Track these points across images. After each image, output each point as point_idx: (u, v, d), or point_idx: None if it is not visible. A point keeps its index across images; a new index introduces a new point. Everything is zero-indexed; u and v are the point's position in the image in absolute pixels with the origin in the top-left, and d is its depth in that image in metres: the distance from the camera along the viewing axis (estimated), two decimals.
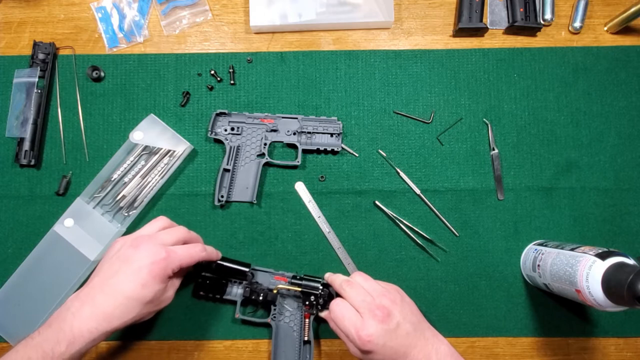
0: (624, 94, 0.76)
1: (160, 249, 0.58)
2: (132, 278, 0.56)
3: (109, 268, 0.58)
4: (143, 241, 0.58)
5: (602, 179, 0.75)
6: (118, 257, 0.58)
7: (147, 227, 0.63)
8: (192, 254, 0.61)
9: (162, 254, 0.57)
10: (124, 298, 0.55)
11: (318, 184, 0.75)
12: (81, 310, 0.55)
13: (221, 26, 0.78)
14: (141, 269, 0.56)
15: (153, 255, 0.57)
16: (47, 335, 0.54)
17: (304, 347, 0.69)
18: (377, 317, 0.57)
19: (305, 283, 0.68)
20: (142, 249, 0.57)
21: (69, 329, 0.53)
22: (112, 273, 0.57)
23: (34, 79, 0.73)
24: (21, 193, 0.74)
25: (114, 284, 0.56)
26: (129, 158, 0.74)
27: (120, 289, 0.55)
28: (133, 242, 0.59)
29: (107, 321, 0.55)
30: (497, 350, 0.73)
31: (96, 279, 0.57)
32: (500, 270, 0.74)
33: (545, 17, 0.77)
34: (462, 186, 0.75)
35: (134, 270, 0.56)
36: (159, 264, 0.57)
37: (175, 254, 0.58)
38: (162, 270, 0.57)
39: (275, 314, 0.70)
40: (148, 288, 0.56)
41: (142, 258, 0.57)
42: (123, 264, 0.57)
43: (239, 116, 0.75)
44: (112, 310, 0.55)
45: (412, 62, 0.77)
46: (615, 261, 0.57)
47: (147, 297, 0.56)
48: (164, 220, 0.64)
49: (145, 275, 0.56)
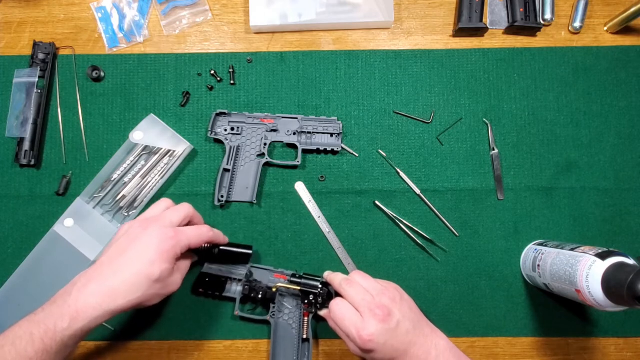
0: (624, 94, 0.76)
1: (169, 229, 0.59)
2: (140, 255, 0.56)
3: (117, 247, 0.58)
4: (152, 222, 0.59)
5: (602, 179, 0.75)
6: (127, 237, 0.58)
7: (153, 209, 0.63)
8: (200, 233, 0.61)
9: (170, 233, 0.58)
10: (131, 274, 0.55)
11: (318, 184, 0.75)
12: (87, 286, 0.55)
13: (221, 26, 0.78)
14: (149, 247, 0.57)
15: (162, 234, 0.58)
16: (51, 310, 0.53)
17: (302, 344, 0.69)
18: (377, 316, 0.57)
19: (305, 282, 0.68)
20: (150, 229, 0.58)
21: (74, 304, 0.53)
22: (121, 252, 0.57)
23: (34, 79, 0.73)
24: (21, 193, 0.74)
25: (121, 262, 0.56)
26: (129, 158, 0.74)
27: (128, 266, 0.56)
28: (142, 223, 0.60)
29: (112, 298, 0.54)
30: (497, 350, 0.73)
31: (104, 257, 0.58)
32: (500, 270, 0.74)
33: (545, 17, 0.77)
34: (462, 186, 0.75)
35: (143, 248, 0.57)
36: (168, 242, 0.57)
37: (183, 234, 0.59)
38: (171, 248, 0.57)
39: (274, 311, 0.70)
40: (156, 265, 0.56)
41: (151, 237, 0.57)
42: (131, 243, 0.57)
43: (239, 116, 0.75)
44: (118, 285, 0.55)
45: (412, 62, 0.77)
46: (615, 261, 0.57)
47: (154, 275, 0.56)
48: (168, 202, 0.64)
49: (153, 252, 0.56)
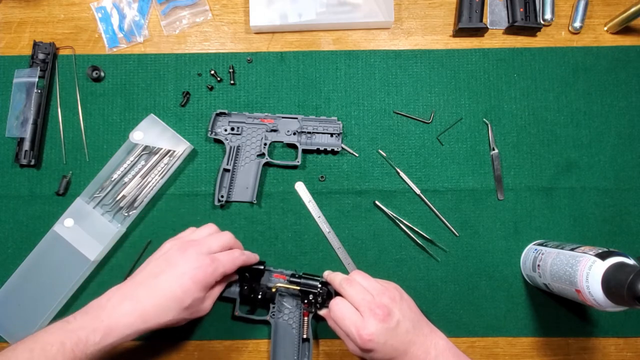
0: (624, 94, 0.76)
1: (206, 256, 0.59)
2: (175, 281, 0.57)
3: (155, 267, 0.59)
4: (190, 246, 0.60)
5: (602, 179, 0.75)
6: (165, 258, 0.59)
7: (196, 232, 0.64)
8: (234, 259, 0.62)
9: (206, 261, 0.58)
10: (164, 299, 0.56)
11: (318, 184, 0.75)
12: (122, 304, 0.55)
13: (221, 26, 0.78)
14: (184, 274, 0.57)
15: (198, 262, 0.58)
16: (84, 322, 0.54)
17: (302, 344, 0.69)
18: (377, 316, 0.57)
19: (304, 282, 0.68)
20: (188, 254, 0.59)
21: (107, 319, 0.54)
22: (157, 273, 0.58)
23: (34, 79, 0.73)
24: (21, 193, 0.74)
25: (156, 284, 0.57)
26: (129, 158, 0.74)
27: (162, 289, 0.56)
28: (181, 246, 0.60)
29: (143, 319, 0.55)
30: (497, 350, 0.73)
31: (140, 276, 0.59)
32: (500, 270, 0.74)
33: (545, 17, 0.77)
34: (462, 186, 0.75)
35: (178, 274, 0.57)
36: (203, 270, 0.58)
37: (219, 262, 0.59)
38: (205, 277, 0.58)
39: (274, 311, 0.70)
40: (188, 294, 0.57)
41: (187, 263, 0.58)
42: (168, 266, 0.58)
43: (239, 116, 0.75)
44: (149, 308, 0.56)
45: (412, 62, 0.77)
46: (615, 261, 0.57)
47: (185, 302, 0.57)
48: (212, 227, 0.65)
49: (187, 280, 0.57)
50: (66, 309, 0.72)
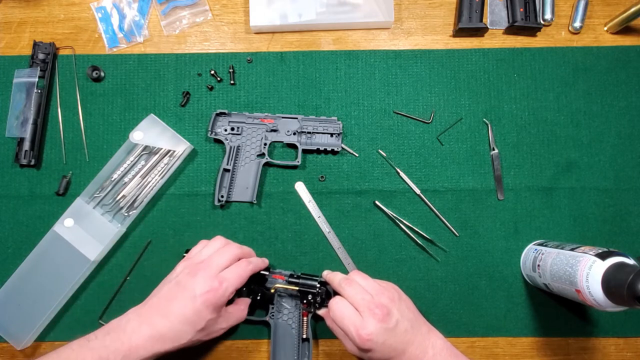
0: (624, 94, 0.76)
1: (214, 279, 0.60)
2: (188, 305, 0.59)
3: (168, 292, 0.61)
4: (200, 269, 0.61)
5: (602, 179, 0.75)
6: (177, 282, 0.61)
7: (206, 250, 0.65)
8: (241, 273, 0.63)
9: (215, 284, 0.60)
10: (179, 323, 0.58)
11: (318, 184, 0.75)
12: (141, 328, 0.58)
13: (221, 26, 0.78)
14: (196, 298, 0.59)
15: (207, 285, 0.60)
16: (105, 342, 0.57)
17: (302, 344, 0.69)
18: (376, 315, 0.57)
19: (303, 282, 0.68)
20: (198, 278, 0.60)
21: (127, 342, 0.57)
22: (171, 297, 0.60)
23: (34, 79, 0.73)
24: (21, 193, 0.74)
25: (171, 309, 0.59)
26: (129, 158, 0.74)
27: (176, 314, 0.59)
28: (191, 270, 0.62)
29: (160, 342, 0.58)
30: (497, 350, 0.73)
31: (155, 299, 0.61)
32: (500, 270, 0.74)
33: (545, 17, 0.77)
34: (462, 186, 0.75)
35: (190, 298, 0.59)
36: (213, 294, 0.59)
37: (227, 282, 0.61)
38: (216, 299, 0.60)
39: (273, 312, 0.70)
40: (201, 316, 0.59)
41: (197, 287, 0.59)
42: (180, 291, 0.60)
43: (239, 116, 0.75)
44: (166, 332, 0.58)
45: (412, 62, 0.77)
46: (615, 261, 0.57)
47: (199, 325, 0.59)
48: (220, 241, 0.66)
49: (199, 304, 0.59)
50: (66, 309, 0.72)
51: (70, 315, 0.72)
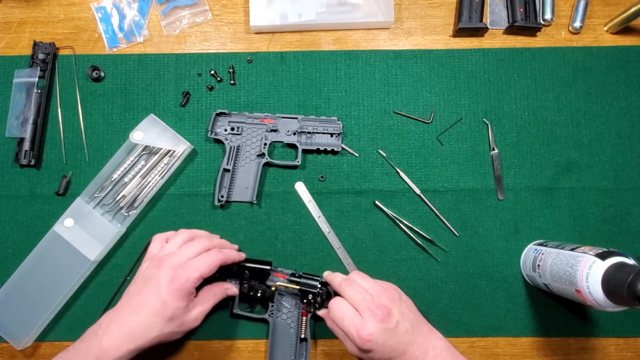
0: (624, 94, 0.76)
1: (179, 267, 0.60)
2: (153, 296, 0.59)
3: (135, 288, 0.61)
4: (164, 261, 0.61)
5: (602, 179, 0.75)
6: (143, 277, 0.61)
7: (170, 245, 0.64)
8: (208, 261, 0.62)
9: (178, 271, 0.60)
10: (146, 315, 0.58)
11: (318, 184, 0.75)
12: (110, 328, 0.58)
13: (221, 26, 0.78)
14: (161, 288, 0.59)
15: (171, 273, 0.59)
16: (80, 349, 0.58)
17: (300, 344, 0.69)
18: (377, 316, 0.57)
19: (304, 281, 0.68)
20: (162, 268, 0.60)
21: (98, 345, 0.57)
22: (137, 292, 0.60)
23: (34, 79, 0.73)
24: (21, 193, 0.74)
25: (137, 303, 0.59)
26: (129, 158, 0.74)
27: (142, 307, 0.59)
28: (157, 262, 0.61)
29: (130, 339, 0.57)
30: (497, 350, 0.73)
31: (124, 298, 0.61)
32: (500, 270, 0.74)
33: (545, 17, 0.77)
34: (462, 186, 0.75)
35: (155, 288, 0.59)
36: (177, 280, 0.59)
37: (191, 268, 0.60)
38: (182, 285, 0.59)
39: (272, 310, 0.70)
40: (167, 305, 0.58)
41: (162, 277, 0.59)
42: (147, 284, 0.60)
43: (239, 116, 0.75)
44: (135, 327, 0.58)
45: (412, 62, 0.77)
46: (615, 261, 0.57)
47: (167, 314, 0.58)
48: (185, 234, 0.66)
49: (164, 293, 0.58)
50: (66, 309, 0.72)
51: (70, 315, 0.72)
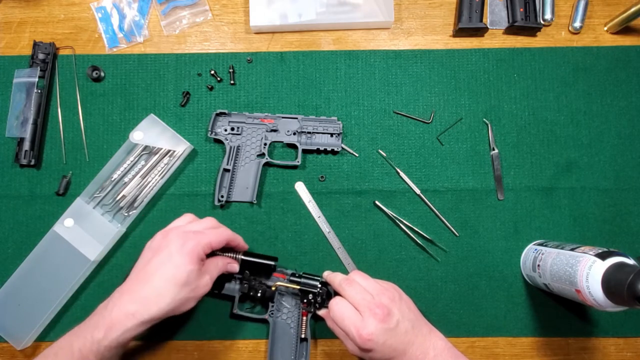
0: (624, 94, 0.76)
1: (188, 232, 0.60)
2: (166, 262, 0.58)
3: (143, 258, 0.60)
4: (172, 230, 0.61)
5: (602, 179, 0.75)
6: (150, 248, 0.61)
7: (175, 222, 0.64)
8: (219, 232, 0.62)
9: (190, 235, 0.59)
10: (160, 281, 0.57)
11: (318, 184, 0.75)
12: (121, 298, 0.57)
13: (221, 26, 0.78)
14: (172, 253, 0.58)
15: (182, 239, 0.59)
16: (90, 322, 0.57)
17: (300, 344, 0.69)
18: (377, 316, 0.57)
19: (304, 281, 0.68)
20: (171, 236, 0.60)
21: (108, 315, 0.56)
22: (146, 262, 0.59)
23: (34, 79, 0.73)
24: (21, 193, 0.74)
25: (148, 271, 0.58)
26: (129, 158, 0.74)
27: (155, 274, 0.57)
28: (163, 233, 0.61)
29: (144, 306, 0.56)
30: (497, 350, 0.73)
31: (133, 273, 0.60)
32: (500, 270, 0.74)
33: (545, 17, 0.77)
34: (462, 186, 0.75)
35: (166, 254, 0.58)
36: (189, 243, 0.59)
37: (202, 235, 0.60)
38: (193, 248, 0.58)
39: (273, 310, 0.70)
40: (181, 268, 0.57)
41: (172, 243, 0.59)
42: (155, 253, 0.59)
43: (239, 116, 0.75)
44: (148, 294, 0.57)
45: (412, 62, 0.77)
46: (615, 261, 0.57)
47: (182, 278, 0.57)
48: (191, 216, 0.65)
49: (177, 256, 0.58)
50: (66, 309, 0.72)
51: (70, 315, 0.72)
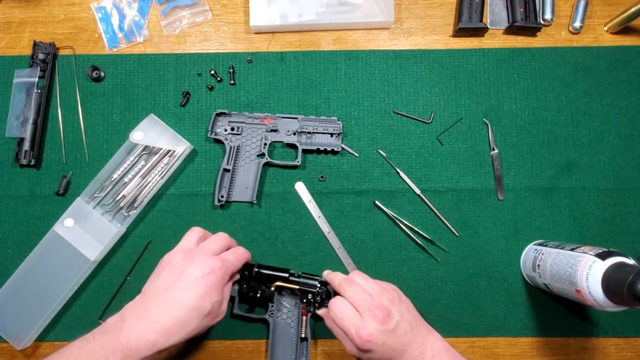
0: (624, 94, 0.76)
1: (215, 259, 0.58)
2: (190, 290, 0.55)
3: (163, 281, 0.57)
4: (195, 253, 0.59)
5: (602, 179, 0.75)
6: (171, 270, 0.57)
7: (187, 239, 0.62)
8: (239, 257, 0.61)
9: (217, 263, 0.58)
10: (184, 310, 0.55)
11: (318, 184, 0.75)
12: (139, 325, 0.54)
13: (221, 26, 0.78)
14: (198, 280, 0.56)
15: (209, 266, 0.57)
16: (103, 342, 0.54)
17: (300, 344, 0.69)
18: (377, 317, 0.57)
19: (303, 281, 0.68)
20: (196, 261, 0.57)
21: (126, 341, 0.53)
22: (168, 286, 0.56)
23: (34, 79, 0.73)
24: (21, 193, 0.74)
25: (171, 297, 0.55)
26: (129, 158, 0.74)
27: (179, 301, 0.55)
28: (185, 255, 0.59)
29: (165, 337, 0.54)
30: (497, 350, 0.73)
31: (150, 292, 0.57)
32: (500, 270, 0.74)
33: (545, 17, 0.77)
34: (462, 186, 0.75)
35: (191, 282, 0.56)
36: (216, 273, 0.57)
37: (228, 262, 0.59)
38: (219, 279, 0.57)
39: (272, 310, 0.70)
40: (206, 299, 0.56)
41: (197, 270, 0.56)
42: (178, 277, 0.56)
43: (239, 116, 0.75)
44: (171, 324, 0.54)
45: (412, 62, 0.77)
46: (615, 261, 0.57)
47: (206, 309, 0.56)
48: (200, 231, 0.64)
49: (202, 286, 0.56)
50: (66, 309, 0.72)
51: (70, 315, 0.72)
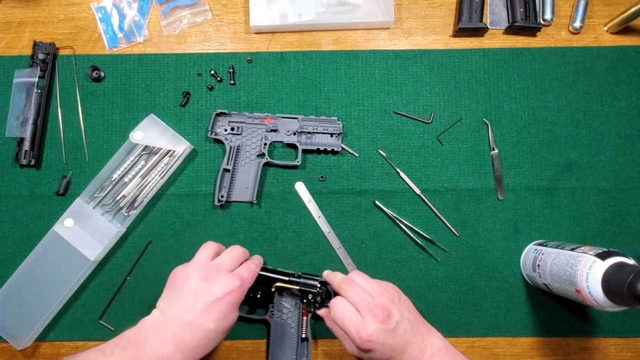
0: (624, 94, 0.76)
1: (233, 278, 0.59)
2: (212, 312, 0.56)
3: (183, 301, 0.57)
4: (212, 272, 0.59)
5: (602, 179, 0.75)
6: (190, 290, 0.57)
7: (201, 255, 0.62)
8: (252, 273, 0.62)
9: (236, 283, 0.59)
10: (208, 331, 0.56)
11: (318, 184, 0.75)
12: (165, 347, 0.54)
13: (221, 26, 0.78)
14: (219, 302, 0.57)
15: (229, 286, 0.58)
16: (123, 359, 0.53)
17: (301, 344, 0.69)
18: (377, 316, 0.57)
19: (303, 281, 0.68)
20: (216, 282, 0.58)
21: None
22: (189, 307, 0.56)
23: (34, 79, 0.73)
24: (21, 193, 0.74)
25: (195, 320, 0.56)
26: (129, 158, 0.74)
27: (201, 324, 0.56)
28: (202, 274, 0.59)
29: (190, 355, 0.55)
30: (497, 350, 0.73)
31: (171, 313, 0.57)
32: (500, 270, 0.74)
33: (545, 17, 0.77)
34: (462, 186, 0.75)
35: (213, 302, 0.57)
36: (236, 293, 0.58)
37: (245, 280, 0.60)
38: (238, 298, 0.59)
39: (273, 311, 0.70)
40: (228, 318, 0.58)
41: (218, 290, 0.57)
42: (199, 298, 0.57)
43: (239, 116, 0.75)
44: (195, 345, 0.55)
45: (412, 62, 0.77)
46: (615, 261, 0.57)
47: (226, 327, 0.58)
48: (214, 246, 0.64)
49: (223, 307, 0.57)
50: (66, 309, 0.72)
51: (70, 315, 0.72)
